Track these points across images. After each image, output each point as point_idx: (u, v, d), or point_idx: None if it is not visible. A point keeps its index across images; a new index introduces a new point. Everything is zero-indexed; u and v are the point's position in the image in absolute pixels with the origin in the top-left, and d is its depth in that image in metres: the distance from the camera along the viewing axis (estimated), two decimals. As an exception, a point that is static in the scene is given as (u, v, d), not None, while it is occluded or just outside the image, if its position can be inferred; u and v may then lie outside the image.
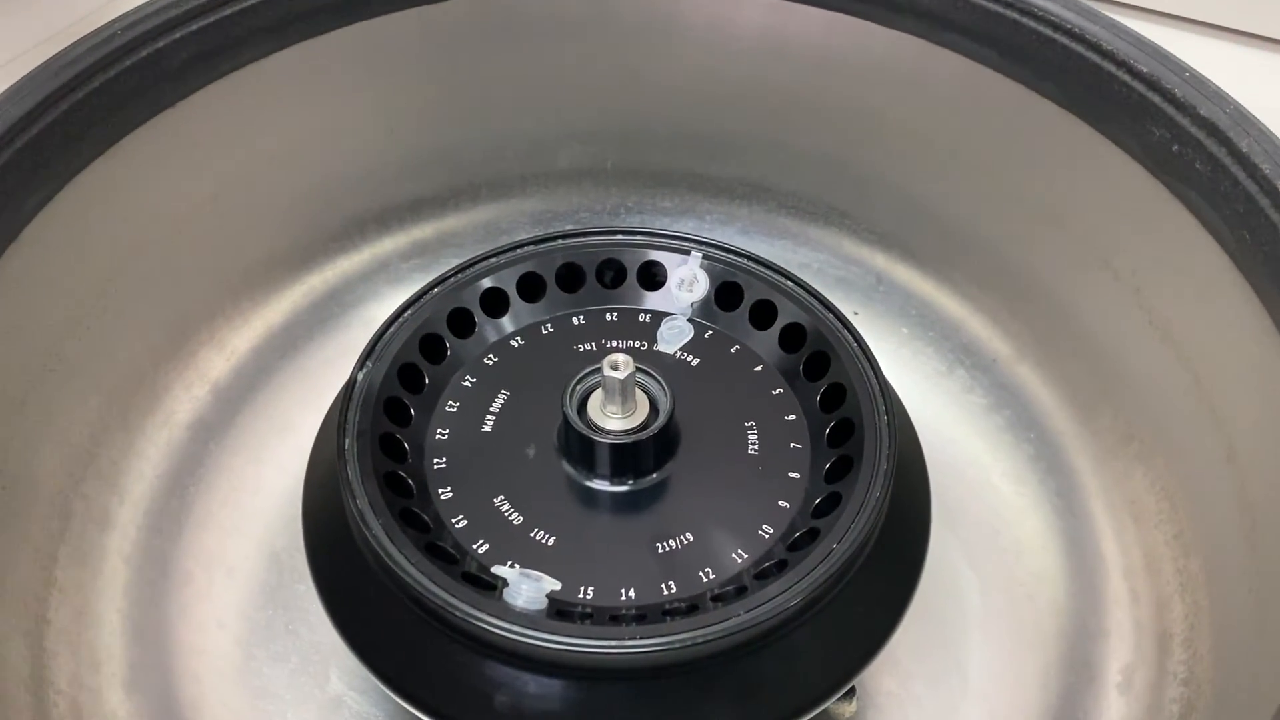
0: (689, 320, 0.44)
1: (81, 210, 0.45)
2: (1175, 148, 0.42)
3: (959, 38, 0.47)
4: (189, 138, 0.48)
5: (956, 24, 0.47)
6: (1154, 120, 0.42)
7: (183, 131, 0.47)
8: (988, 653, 0.47)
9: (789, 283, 0.44)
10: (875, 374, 0.41)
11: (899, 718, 0.45)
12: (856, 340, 0.42)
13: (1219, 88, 0.42)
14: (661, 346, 0.43)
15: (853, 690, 0.40)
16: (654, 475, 0.40)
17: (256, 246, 0.54)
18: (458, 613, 0.35)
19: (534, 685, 0.35)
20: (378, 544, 0.36)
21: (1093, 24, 0.44)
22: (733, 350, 0.43)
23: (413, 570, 0.36)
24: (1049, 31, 0.44)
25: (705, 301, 0.44)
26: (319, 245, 0.56)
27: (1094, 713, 0.45)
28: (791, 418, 0.41)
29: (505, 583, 0.36)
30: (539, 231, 0.56)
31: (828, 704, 0.37)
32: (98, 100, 0.44)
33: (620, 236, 0.45)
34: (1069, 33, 0.44)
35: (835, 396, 0.41)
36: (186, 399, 0.52)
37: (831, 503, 0.38)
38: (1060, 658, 0.46)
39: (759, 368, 0.43)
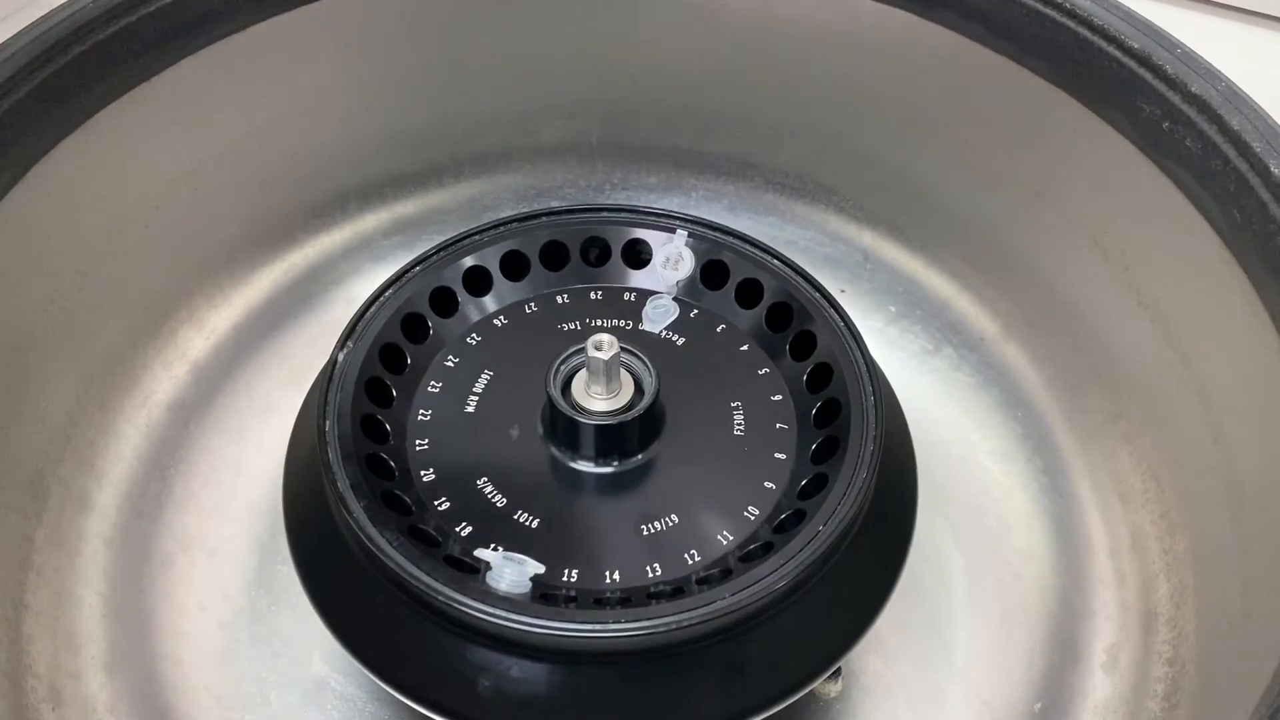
0: (674, 299, 0.44)
1: (55, 187, 0.44)
2: (1166, 125, 0.41)
3: (948, 12, 0.47)
4: (165, 113, 0.47)
5: (946, -2, 0.46)
6: (1144, 97, 0.42)
7: (158, 106, 0.47)
8: (973, 631, 0.47)
9: (775, 261, 0.43)
10: (862, 354, 0.40)
11: (884, 697, 0.45)
12: (843, 319, 0.41)
13: (1210, 64, 0.41)
14: (647, 325, 0.43)
15: (838, 670, 0.40)
16: (639, 456, 0.39)
17: (236, 223, 0.53)
18: (440, 597, 0.34)
19: (518, 669, 0.35)
20: (359, 527, 0.36)
21: (1083, -1, 0.43)
22: (718, 329, 0.43)
23: (394, 554, 0.35)
24: (1039, 6, 0.44)
25: (691, 280, 0.44)
26: (300, 222, 0.56)
27: (1079, 692, 0.45)
28: (777, 398, 0.41)
29: (488, 566, 0.35)
30: (523, 207, 0.56)
31: (814, 685, 0.37)
32: (69, 75, 0.43)
33: (605, 214, 0.45)
34: (1059, 7, 0.43)
35: (821, 376, 0.41)
36: (166, 379, 0.51)
37: (818, 484, 0.38)
38: (1046, 637, 0.46)
39: (745, 347, 0.42)
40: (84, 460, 0.48)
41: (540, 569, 0.35)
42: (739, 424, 0.40)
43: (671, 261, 0.44)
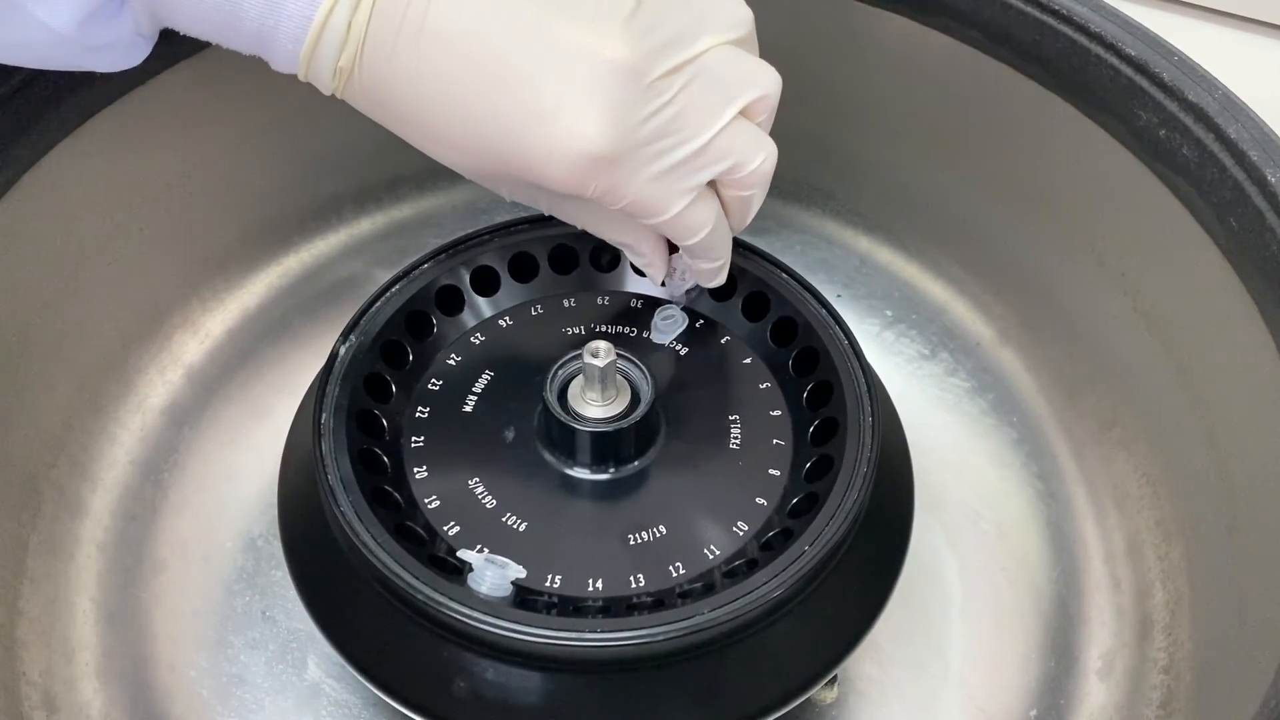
0: (682, 309, 0.43)
1: (50, 192, 0.44)
2: (1163, 133, 0.41)
3: (946, 18, 0.47)
4: (159, 116, 0.47)
5: (943, 4, 0.46)
6: (1141, 104, 0.42)
7: (153, 110, 0.46)
8: (968, 638, 0.47)
9: (783, 275, 0.43)
10: (864, 373, 0.40)
11: (880, 703, 0.45)
12: (848, 338, 0.41)
13: (1208, 72, 0.41)
14: (655, 337, 0.43)
15: (834, 677, 0.40)
16: (631, 465, 0.39)
17: (230, 227, 0.53)
18: (419, 595, 0.34)
19: (494, 673, 0.35)
20: (345, 521, 0.36)
21: (1080, 6, 0.43)
22: (723, 341, 0.43)
23: (378, 550, 0.35)
24: (1036, 13, 0.44)
25: (699, 290, 0.43)
26: (294, 226, 0.55)
27: (1074, 699, 0.45)
28: (776, 413, 0.41)
29: (470, 568, 0.35)
30: (520, 212, 0.56)
31: (807, 694, 0.37)
32: (64, 78, 0.42)
33: None
34: (1057, 14, 0.43)
35: (822, 394, 0.40)
36: (160, 383, 0.51)
37: (809, 503, 0.38)
38: (1041, 643, 0.46)
39: (748, 360, 0.42)
40: (78, 465, 0.48)
41: (521, 573, 0.35)
42: (736, 437, 0.40)
43: (680, 271, 0.43)
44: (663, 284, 0.43)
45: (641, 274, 0.44)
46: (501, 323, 0.43)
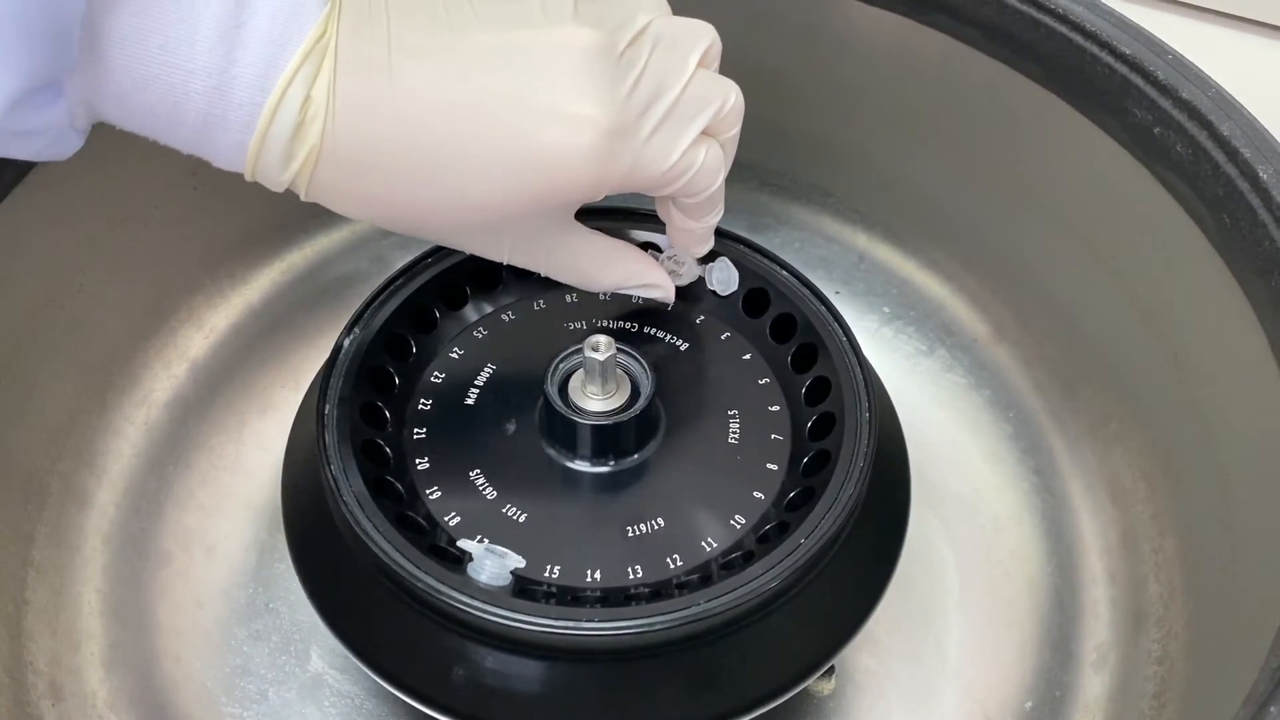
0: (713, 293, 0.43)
1: (54, 189, 0.44)
2: (1156, 130, 0.42)
3: (943, 16, 0.47)
4: (165, 114, 0.47)
5: (940, 3, 0.47)
6: (1135, 102, 0.42)
7: (158, 107, 0.47)
8: (965, 630, 0.47)
9: (782, 271, 0.43)
10: (862, 369, 0.40)
11: (877, 695, 0.45)
12: (846, 334, 0.41)
13: (1201, 70, 0.42)
14: (721, 289, 0.43)
15: (832, 668, 0.41)
16: (631, 458, 0.39)
17: (235, 223, 0.53)
18: (419, 584, 0.35)
19: (493, 661, 0.36)
20: (348, 510, 0.36)
21: (1076, 5, 0.44)
22: (723, 337, 0.43)
23: (380, 540, 0.36)
24: (1032, 11, 0.44)
25: (698, 285, 0.44)
26: (299, 221, 0.56)
27: (1069, 690, 0.45)
28: (775, 409, 0.41)
29: (470, 557, 0.36)
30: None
31: (804, 685, 0.37)
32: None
33: (620, 216, 0.44)
34: (1052, 13, 0.44)
35: (820, 390, 0.41)
36: (165, 377, 0.52)
37: (806, 496, 0.38)
38: (1036, 636, 0.47)
39: (747, 356, 0.43)
40: (83, 458, 0.48)
41: (521, 563, 0.36)
42: (734, 432, 0.40)
43: (676, 264, 0.43)
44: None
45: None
46: (504, 317, 0.44)
